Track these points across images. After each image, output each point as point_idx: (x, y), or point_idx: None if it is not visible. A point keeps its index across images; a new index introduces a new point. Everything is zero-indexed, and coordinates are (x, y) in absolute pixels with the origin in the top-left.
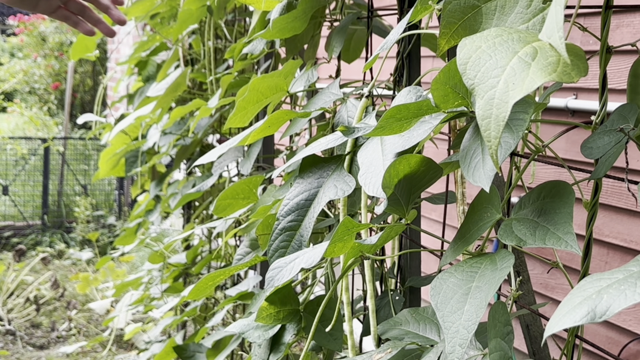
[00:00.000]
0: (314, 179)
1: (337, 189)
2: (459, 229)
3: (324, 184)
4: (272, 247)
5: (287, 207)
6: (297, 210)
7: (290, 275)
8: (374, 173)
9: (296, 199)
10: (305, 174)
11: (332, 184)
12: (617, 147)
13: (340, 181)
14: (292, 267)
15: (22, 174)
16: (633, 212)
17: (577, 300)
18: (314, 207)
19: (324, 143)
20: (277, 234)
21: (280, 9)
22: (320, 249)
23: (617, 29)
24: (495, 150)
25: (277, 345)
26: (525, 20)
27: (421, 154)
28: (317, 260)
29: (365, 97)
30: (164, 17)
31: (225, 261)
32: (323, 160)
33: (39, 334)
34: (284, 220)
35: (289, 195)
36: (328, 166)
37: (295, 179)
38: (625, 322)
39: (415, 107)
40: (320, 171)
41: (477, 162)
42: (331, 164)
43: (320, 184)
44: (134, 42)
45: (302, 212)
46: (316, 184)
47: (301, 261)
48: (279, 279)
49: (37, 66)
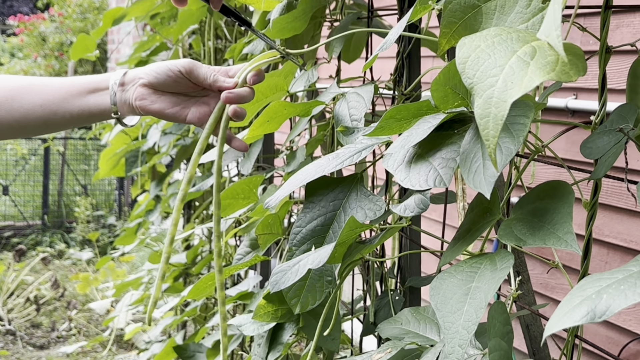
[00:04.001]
0: (328, 202)
1: (365, 210)
2: (459, 228)
3: (341, 206)
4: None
5: (300, 236)
6: (314, 238)
7: (296, 279)
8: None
9: (309, 225)
10: (316, 197)
11: (356, 205)
12: (617, 147)
13: (366, 201)
14: (298, 269)
15: (23, 174)
16: (633, 212)
17: (576, 300)
18: (333, 232)
19: (337, 162)
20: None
21: (280, 9)
22: (325, 251)
23: (617, 29)
24: (493, 149)
25: (276, 345)
26: (524, 19)
27: None
28: (324, 261)
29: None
30: (164, 17)
31: (225, 261)
32: (333, 181)
33: (39, 334)
34: (298, 250)
35: (299, 222)
36: (341, 187)
37: (304, 205)
38: (625, 322)
39: (415, 107)
40: (334, 193)
41: (477, 166)
42: (344, 184)
43: (336, 207)
44: (134, 42)
45: (319, 240)
46: (332, 207)
47: (306, 263)
48: (283, 282)
49: (37, 66)
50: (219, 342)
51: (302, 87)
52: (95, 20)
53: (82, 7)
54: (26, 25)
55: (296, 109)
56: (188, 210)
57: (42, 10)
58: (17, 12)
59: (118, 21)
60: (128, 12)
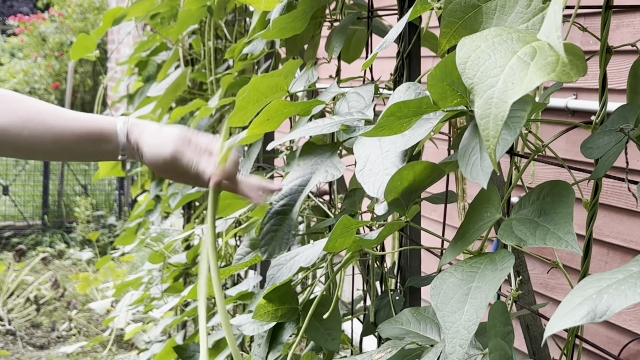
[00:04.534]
0: (309, 165)
1: (327, 174)
2: (459, 228)
3: (317, 170)
4: (263, 230)
5: (282, 192)
6: (290, 195)
7: (291, 273)
8: (374, 172)
9: (290, 184)
10: (303, 160)
11: (324, 168)
12: (617, 147)
13: (332, 166)
14: (292, 264)
15: (23, 174)
16: (633, 212)
17: (577, 300)
18: (305, 191)
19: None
20: (269, 217)
21: (280, 9)
22: (319, 246)
23: (617, 29)
24: (493, 150)
25: (276, 345)
26: (525, 20)
27: (421, 153)
28: (315, 258)
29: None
30: (164, 17)
31: (225, 261)
32: (320, 147)
33: (39, 334)
34: (277, 204)
35: (285, 181)
36: (324, 153)
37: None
38: (625, 322)
39: (416, 104)
40: (316, 158)
41: (475, 159)
42: (327, 150)
43: (314, 170)
44: (134, 42)
45: (294, 197)
46: (310, 170)
47: (302, 258)
48: (279, 276)
49: (37, 66)
50: (219, 342)
51: (302, 87)
52: (95, 20)
53: (82, 7)
54: (26, 25)
55: (296, 108)
56: (188, 210)
57: (42, 10)
58: (17, 12)
59: (118, 21)
60: (128, 12)
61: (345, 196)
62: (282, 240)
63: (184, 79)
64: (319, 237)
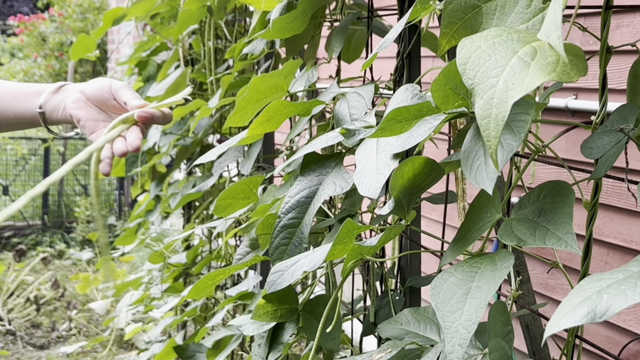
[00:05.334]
0: (314, 177)
1: (336, 186)
2: (459, 228)
3: (323, 181)
4: (273, 244)
5: (289, 205)
6: (298, 208)
7: (293, 280)
8: (367, 172)
9: (297, 196)
10: (306, 171)
11: (331, 180)
12: (617, 147)
13: (339, 178)
14: (294, 270)
15: (23, 174)
16: (633, 212)
17: (577, 301)
18: (313, 204)
19: (323, 140)
20: (278, 231)
21: (280, 9)
22: (322, 251)
23: (617, 29)
24: (494, 150)
25: (276, 345)
26: (525, 20)
27: (421, 153)
28: (319, 264)
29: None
30: (164, 17)
31: (225, 261)
32: (323, 157)
33: (39, 334)
34: (285, 217)
35: (290, 193)
36: (328, 163)
37: (297, 177)
38: (625, 322)
39: (416, 109)
40: (321, 169)
41: (479, 164)
42: (331, 161)
43: (320, 181)
44: (134, 42)
45: (302, 210)
46: (316, 182)
47: (303, 264)
48: (280, 283)
49: (37, 66)
50: (219, 342)
51: (302, 87)
52: (95, 20)
53: (82, 7)
54: (26, 25)
55: (296, 108)
56: (188, 210)
57: (42, 10)
58: (17, 12)
59: (118, 21)
60: (128, 12)
61: (345, 196)
62: (293, 255)
63: (183, 78)
64: (318, 237)
